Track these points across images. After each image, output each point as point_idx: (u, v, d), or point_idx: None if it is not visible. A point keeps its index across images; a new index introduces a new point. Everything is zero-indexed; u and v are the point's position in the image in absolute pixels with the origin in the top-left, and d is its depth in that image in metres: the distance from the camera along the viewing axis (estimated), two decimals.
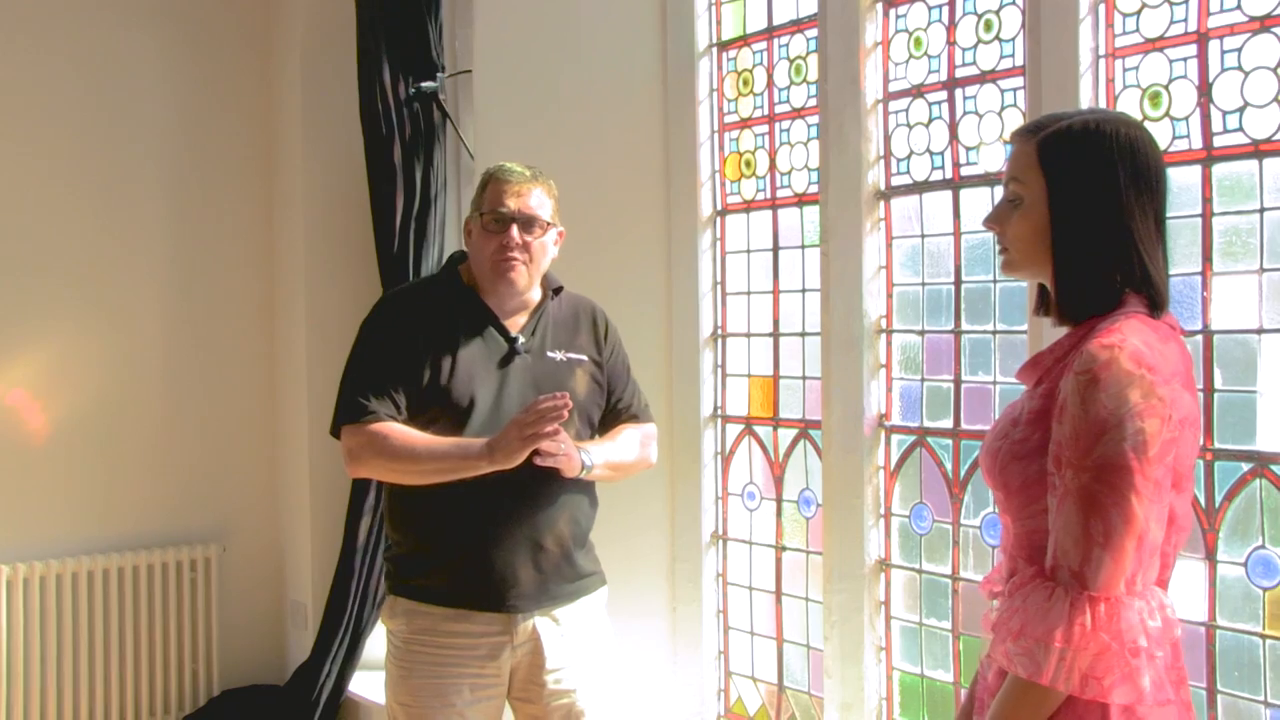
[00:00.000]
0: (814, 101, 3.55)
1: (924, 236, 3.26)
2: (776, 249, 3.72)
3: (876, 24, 3.33)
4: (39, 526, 4.12)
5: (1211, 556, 2.61)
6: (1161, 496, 1.56)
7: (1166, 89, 2.71)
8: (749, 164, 3.82)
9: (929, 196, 3.24)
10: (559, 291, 2.67)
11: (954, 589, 3.16)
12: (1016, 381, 1.80)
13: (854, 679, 3.36)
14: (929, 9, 3.22)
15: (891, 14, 3.32)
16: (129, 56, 4.30)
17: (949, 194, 3.18)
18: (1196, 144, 2.65)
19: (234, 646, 4.41)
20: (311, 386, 4.22)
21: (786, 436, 3.69)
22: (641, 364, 3.91)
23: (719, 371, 3.91)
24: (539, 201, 2.56)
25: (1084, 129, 1.66)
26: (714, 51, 3.90)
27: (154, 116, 4.34)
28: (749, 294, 3.83)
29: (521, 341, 2.56)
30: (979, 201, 3.10)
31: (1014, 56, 3.02)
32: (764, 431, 3.77)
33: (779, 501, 3.72)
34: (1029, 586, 1.59)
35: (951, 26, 3.17)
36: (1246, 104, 2.58)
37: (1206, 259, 2.62)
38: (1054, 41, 2.83)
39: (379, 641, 3.15)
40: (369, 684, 4.05)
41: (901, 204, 3.32)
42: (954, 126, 3.16)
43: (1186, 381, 1.63)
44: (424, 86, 3.79)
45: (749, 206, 3.82)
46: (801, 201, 3.64)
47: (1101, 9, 2.80)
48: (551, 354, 2.58)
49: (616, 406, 2.70)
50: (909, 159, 3.28)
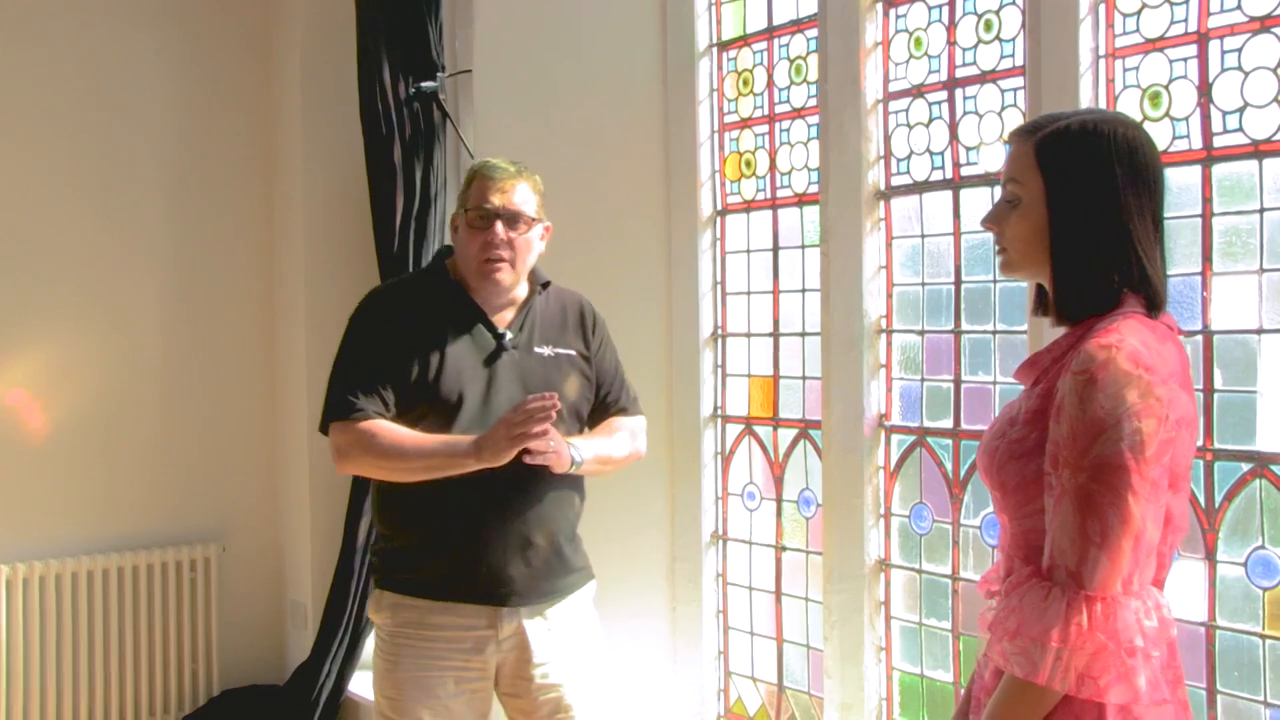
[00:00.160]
0: (814, 101, 3.55)
1: (924, 236, 3.26)
2: (776, 249, 3.72)
3: (877, 24, 3.33)
4: (39, 526, 4.12)
5: (1211, 556, 2.61)
6: (1158, 496, 1.56)
7: (1167, 89, 2.71)
8: (749, 164, 3.81)
9: (929, 196, 3.24)
10: (546, 286, 2.66)
11: (954, 589, 3.16)
12: (1016, 382, 1.80)
13: (854, 679, 3.35)
14: (929, 9, 3.22)
15: (892, 14, 3.31)
16: (129, 56, 4.30)
17: (949, 194, 3.18)
18: (1196, 144, 2.65)
19: (234, 646, 4.41)
20: (311, 386, 4.21)
21: (786, 436, 3.69)
22: (641, 364, 3.93)
23: (719, 371, 3.91)
24: (523, 197, 2.54)
25: (1082, 129, 1.66)
26: (714, 51, 3.90)
27: (154, 116, 4.34)
28: (749, 294, 3.83)
29: (509, 338, 2.55)
30: (979, 201, 3.10)
31: (1014, 56, 3.02)
32: (764, 431, 3.77)
33: (779, 501, 3.72)
34: (1025, 586, 1.59)
35: (952, 26, 3.17)
36: (1246, 104, 2.58)
37: (1206, 259, 2.62)
38: (1054, 41, 2.83)
39: None
40: (369, 684, 4.02)
41: (901, 204, 3.32)
42: (954, 126, 3.16)
43: (1184, 381, 1.63)
44: (424, 86, 3.79)
45: (749, 206, 3.82)
46: (801, 201, 3.63)
47: (1102, 9, 2.80)
48: (539, 349, 2.57)
49: (605, 400, 2.69)
50: (909, 159, 3.28)
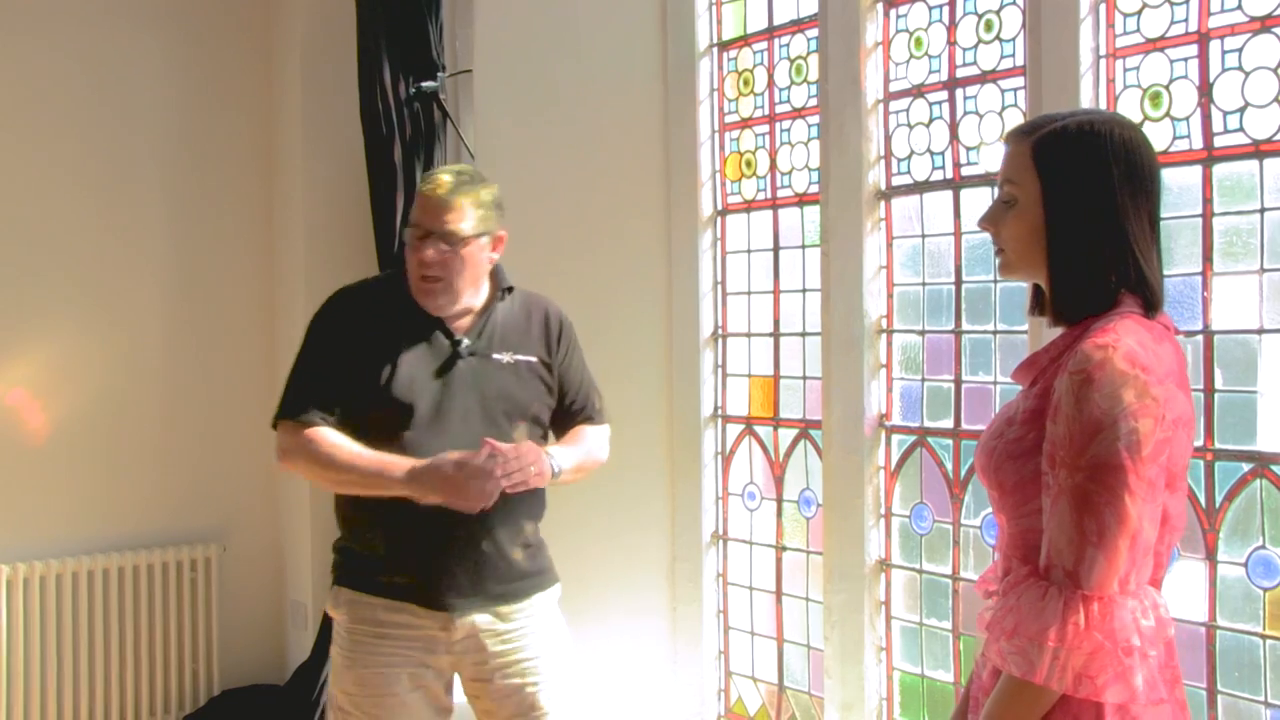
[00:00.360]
0: (814, 101, 3.55)
1: (924, 236, 3.26)
2: (777, 249, 3.72)
3: (877, 24, 3.33)
4: (39, 526, 4.12)
5: (1212, 557, 2.60)
6: (1155, 496, 1.56)
7: (1167, 89, 2.71)
8: (749, 164, 3.81)
9: (929, 196, 3.24)
10: (510, 291, 2.59)
11: (954, 589, 3.16)
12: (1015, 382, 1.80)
13: (854, 679, 3.35)
14: (929, 9, 3.22)
15: (892, 14, 3.31)
16: (130, 56, 4.30)
17: (949, 194, 3.18)
18: (1197, 144, 2.65)
19: (234, 646, 4.41)
20: None
21: (787, 436, 3.69)
22: (642, 364, 3.95)
23: (719, 371, 3.91)
24: (458, 216, 2.43)
25: (1078, 130, 1.66)
26: (714, 51, 3.90)
27: (154, 116, 4.34)
28: (749, 294, 3.83)
29: (466, 344, 2.50)
30: (979, 201, 3.09)
31: (1014, 56, 3.02)
32: (764, 431, 3.77)
33: (779, 501, 3.72)
34: (1023, 585, 1.59)
35: (952, 26, 3.17)
36: (1247, 104, 2.58)
37: (1207, 259, 2.62)
38: (1054, 41, 2.83)
39: None
40: None
41: (902, 204, 3.32)
42: (954, 126, 3.16)
43: (1181, 381, 1.63)
44: (424, 86, 3.79)
45: (749, 206, 3.82)
46: (802, 201, 3.63)
47: (1102, 9, 2.80)
48: (498, 356, 2.51)
49: (570, 408, 2.63)
50: (909, 159, 3.28)
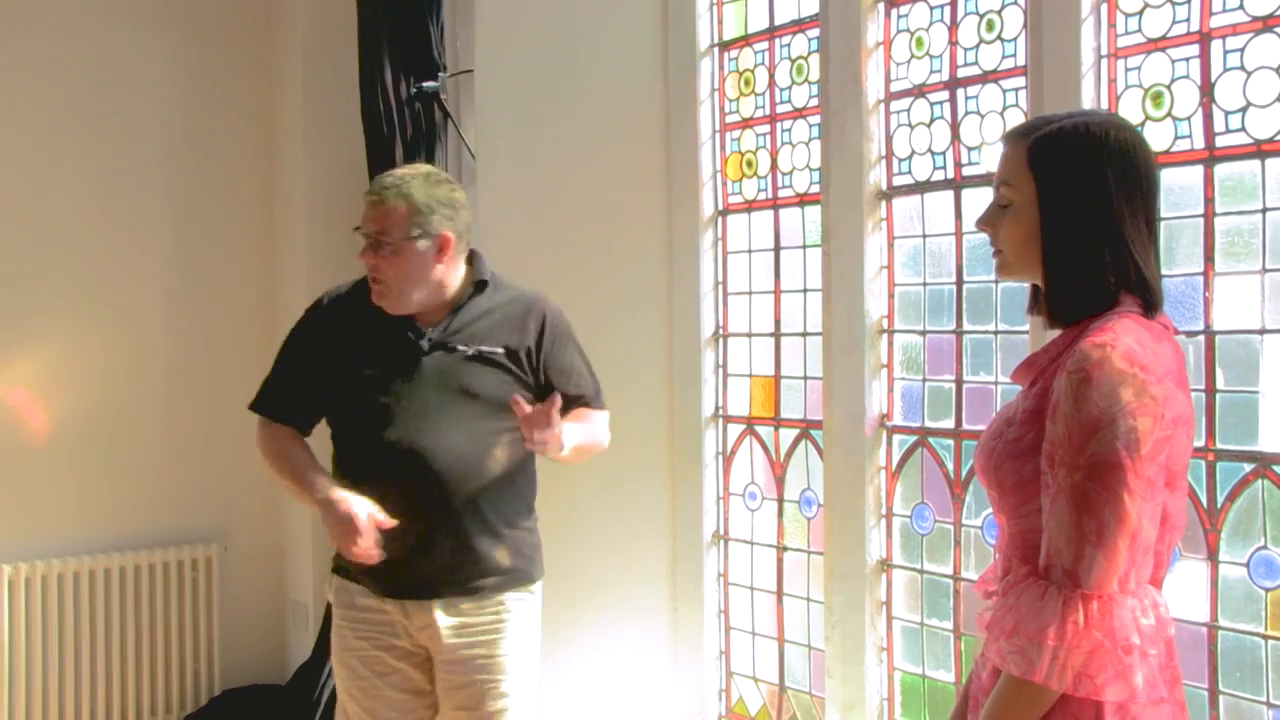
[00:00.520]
0: (815, 101, 3.55)
1: (925, 236, 3.26)
2: (778, 249, 3.72)
3: (878, 24, 3.33)
4: (40, 526, 4.12)
5: (1213, 557, 2.60)
6: (1154, 495, 1.56)
7: (1169, 89, 2.71)
8: (750, 164, 3.81)
9: (930, 196, 3.24)
10: (483, 285, 2.59)
11: (955, 589, 3.16)
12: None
13: (855, 679, 3.35)
14: (931, 9, 3.22)
15: (893, 14, 3.31)
16: (131, 55, 4.29)
17: (950, 194, 3.18)
18: (1199, 144, 2.65)
19: (235, 646, 4.41)
20: None
21: (788, 436, 3.69)
22: (643, 364, 3.94)
23: (720, 371, 3.91)
24: (388, 220, 2.47)
25: (1073, 131, 1.66)
26: (715, 51, 3.90)
27: (156, 116, 4.33)
28: (750, 294, 3.83)
29: (430, 338, 2.53)
30: (981, 201, 3.05)
31: (1016, 56, 3.01)
32: (765, 431, 3.77)
33: (780, 501, 3.72)
34: (1022, 585, 1.59)
35: (953, 26, 3.17)
36: (1249, 104, 2.58)
37: (1208, 259, 2.62)
38: (1056, 41, 2.82)
39: None
40: None
41: (903, 204, 3.32)
42: (956, 126, 3.16)
43: (1180, 380, 1.63)
44: (425, 86, 3.78)
45: (750, 206, 3.82)
46: (803, 201, 3.63)
47: (1104, 9, 2.80)
48: (461, 348, 2.54)
49: (566, 395, 2.61)
50: (910, 159, 3.28)
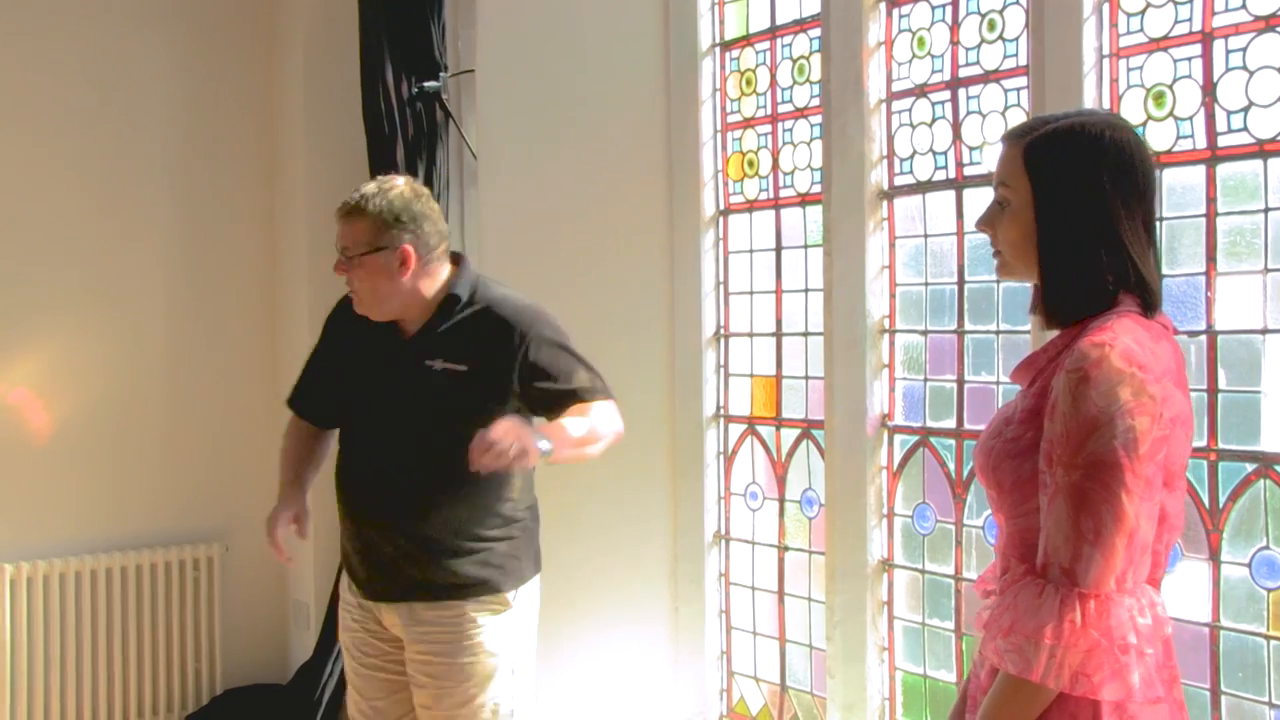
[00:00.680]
0: (817, 101, 3.55)
1: (927, 236, 3.26)
2: (779, 249, 3.72)
3: (880, 23, 3.33)
4: (42, 525, 4.12)
5: (1215, 557, 2.60)
6: (1152, 494, 1.56)
7: (1171, 89, 2.71)
8: (752, 164, 3.81)
9: (932, 196, 3.24)
10: (455, 300, 2.57)
11: (957, 589, 3.16)
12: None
13: (856, 679, 3.35)
14: (932, 9, 3.22)
15: (895, 13, 3.31)
16: (133, 54, 4.29)
17: (952, 194, 3.18)
18: (1201, 144, 2.65)
19: (236, 645, 4.41)
20: None
21: (789, 436, 3.69)
22: (644, 364, 3.94)
23: (721, 371, 3.91)
24: (348, 234, 2.53)
25: (1069, 132, 1.66)
26: (717, 51, 3.90)
27: (157, 115, 4.34)
28: (752, 294, 3.82)
29: (404, 351, 2.57)
30: (982, 201, 3.05)
31: (1017, 56, 3.01)
32: (767, 431, 3.77)
33: (781, 501, 3.71)
34: (1020, 584, 1.59)
35: (955, 26, 3.17)
36: (1251, 104, 2.57)
37: (1210, 259, 2.62)
38: (1057, 41, 2.82)
39: None
40: None
41: (904, 204, 3.31)
42: (957, 126, 3.16)
43: (1178, 380, 1.63)
44: (427, 86, 3.79)
45: (752, 206, 3.81)
46: (804, 201, 3.63)
47: (1105, 8, 2.80)
48: (430, 362, 2.54)
49: (560, 392, 2.59)
50: (912, 159, 3.28)
